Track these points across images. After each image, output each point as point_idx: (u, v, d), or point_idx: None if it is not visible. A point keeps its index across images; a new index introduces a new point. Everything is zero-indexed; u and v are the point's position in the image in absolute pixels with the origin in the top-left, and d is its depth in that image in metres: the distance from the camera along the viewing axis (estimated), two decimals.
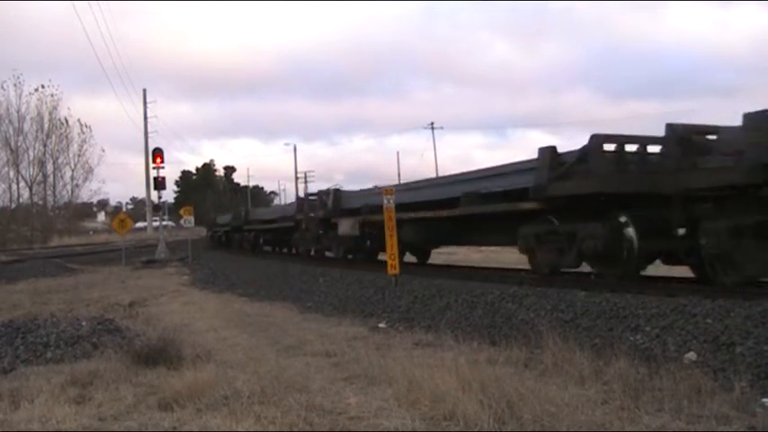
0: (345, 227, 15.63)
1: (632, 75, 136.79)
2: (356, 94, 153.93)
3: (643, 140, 8.36)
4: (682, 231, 7.41)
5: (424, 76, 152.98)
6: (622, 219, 8.03)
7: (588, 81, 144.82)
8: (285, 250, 23.97)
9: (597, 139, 8.16)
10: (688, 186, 7.11)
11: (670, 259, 8.45)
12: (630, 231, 7.94)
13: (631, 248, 7.96)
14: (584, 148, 8.33)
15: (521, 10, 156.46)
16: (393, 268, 10.44)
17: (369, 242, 15.34)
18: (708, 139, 7.49)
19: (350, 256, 16.72)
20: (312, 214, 18.14)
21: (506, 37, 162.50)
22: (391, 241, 10.54)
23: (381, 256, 14.32)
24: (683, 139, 7.44)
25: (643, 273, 8.56)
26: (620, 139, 8.41)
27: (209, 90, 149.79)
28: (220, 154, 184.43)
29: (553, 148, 8.88)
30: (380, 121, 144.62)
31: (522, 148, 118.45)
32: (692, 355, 5.18)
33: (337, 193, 17.48)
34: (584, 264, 9.01)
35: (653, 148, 8.38)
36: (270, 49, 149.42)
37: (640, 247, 7.91)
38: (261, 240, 26.39)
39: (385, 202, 10.77)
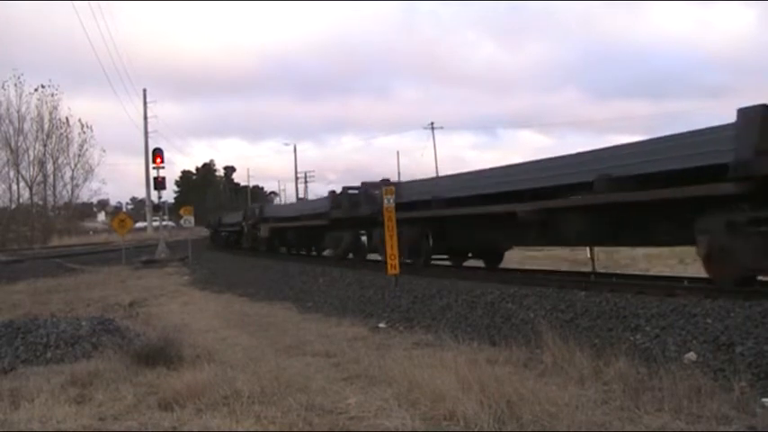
0: (264, 230, 23.23)
1: (620, 75, 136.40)
2: (342, 93, 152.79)
3: (364, 188, 14.88)
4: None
5: (410, 76, 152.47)
6: (361, 231, 15.52)
7: (576, 81, 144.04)
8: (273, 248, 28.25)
9: (345, 188, 15.82)
10: (363, 215, 14.00)
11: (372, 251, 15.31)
12: (363, 238, 15.59)
13: (363, 246, 15.74)
14: (340, 192, 15.91)
15: (501, 9, 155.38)
16: (393, 268, 10.43)
17: (276, 240, 23.11)
18: (376, 191, 13.25)
19: (263, 249, 23.93)
20: (249, 221, 25.59)
21: (491, 36, 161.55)
22: (391, 241, 10.54)
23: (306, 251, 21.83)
24: (366, 190, 14.38)
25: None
26: (359, 188, 15.11)
27: (194, 90, 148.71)
28: (209, 154, 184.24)
29: (333, 191, 16.85)
30: (368, 122, 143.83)
31: (513, 148, 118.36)
32: (691, 356, 5.18)
33: (262, 206, 28.37)
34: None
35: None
36: (252, 49, 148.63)
37: (368, 246, 15.37)
38: (232, 239, 31.67)
39: (386, 201, 10.80)
